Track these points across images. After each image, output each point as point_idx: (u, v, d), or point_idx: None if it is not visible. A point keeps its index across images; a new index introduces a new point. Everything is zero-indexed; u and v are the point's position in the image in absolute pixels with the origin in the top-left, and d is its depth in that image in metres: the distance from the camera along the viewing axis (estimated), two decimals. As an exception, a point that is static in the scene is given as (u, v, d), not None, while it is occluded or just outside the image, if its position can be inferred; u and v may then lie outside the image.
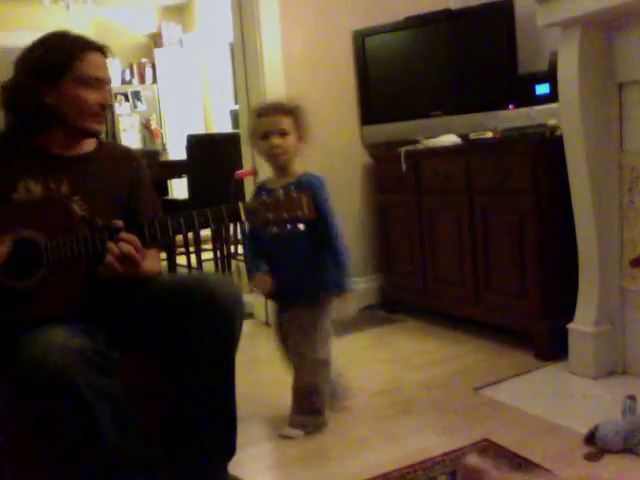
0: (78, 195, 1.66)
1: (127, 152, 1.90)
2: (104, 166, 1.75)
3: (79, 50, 1.64)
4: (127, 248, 1.49)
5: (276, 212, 1.49)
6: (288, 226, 1.52)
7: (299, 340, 2.09)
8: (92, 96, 1.65)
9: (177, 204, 4.81)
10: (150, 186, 1.87)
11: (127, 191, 1.78)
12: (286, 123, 2.00)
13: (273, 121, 2.00)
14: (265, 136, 2.01)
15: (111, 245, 1.49)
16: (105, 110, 1.70)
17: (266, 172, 3.30)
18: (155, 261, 1.79)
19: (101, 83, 1.67)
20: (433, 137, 3.16)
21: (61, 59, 1.62)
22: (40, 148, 1.69)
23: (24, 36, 1.72)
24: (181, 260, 4.94)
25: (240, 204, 1.50)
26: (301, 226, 1.52)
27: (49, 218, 1.55)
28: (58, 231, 1.51)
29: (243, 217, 1.50)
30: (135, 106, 6.93)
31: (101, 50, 1.69)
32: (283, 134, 2.00)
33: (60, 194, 1.65)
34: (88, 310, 1.56)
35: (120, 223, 1.53)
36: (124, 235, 1.50)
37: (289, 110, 2.03)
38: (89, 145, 1.76)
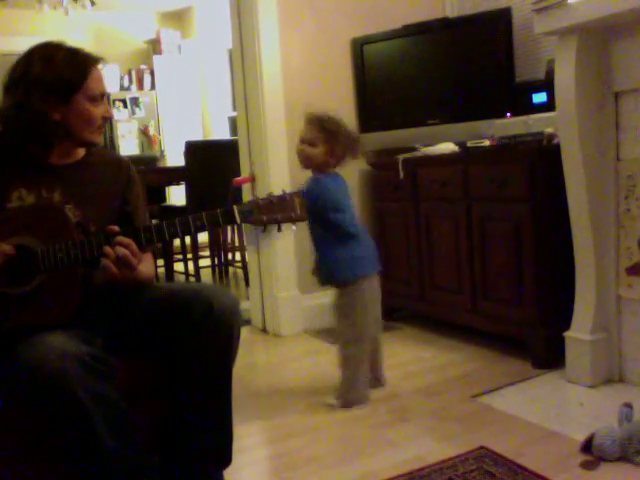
0: (71, 203, 1.66)
1: (117, 158, 1.90)
2: (95, 173, 1.76)
3: (90, 67, 1.64)
4: (123, 251, 1.50)
5: (269, 214, 1.53)
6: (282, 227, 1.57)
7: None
8: (98, 110, 1.67)
9: (175, 210, 4.81)
10: (140, 189, 1.88)
11: (120, 196, 1.79)
12: (311, 133, 2.29)
13: (304, 129, 2.31)
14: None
15: (107, 248, 1.50)
16: (106, 122, 1.72)
17: (265, 179, 3.32)
18: (150, 266, 1.80)
19: (103, 96, 1.69)
20: (431, 145, 3.17)
21: (75, 77, 1.62)
22: (32, 157, 1.68)
23: (23, 41, 1.71)
24: (178, 267, 4.94)
25: (235, 207, 1.53)
26: (294, 227, 1.57)
27: (45, 225, 1.55)
28: (54, 237, 1.51)
29: (238, 219, 1.53)
30: (133, 112, 6.93)
31: (100, 62, 1.70)
32: (305, 143, 2.30)
33: (53, 201, 1.65)
34: (86, 315, 1.56)
35: (116, 228, 1.54)
36: (120, 239, 1.51)
37: (316, 121, 2.30)
38: (80, 152, 1.76)
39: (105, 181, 1.77)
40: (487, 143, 2.84)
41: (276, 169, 3.30)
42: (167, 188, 5.63)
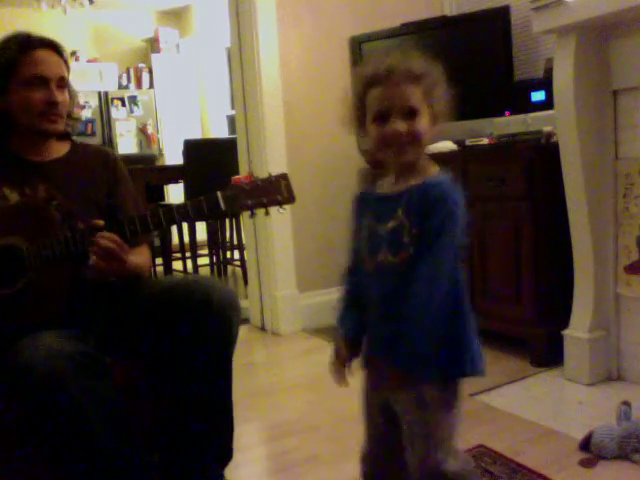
0: (56, 200, 1.64)
1: (101, 151, 1.87)
2: (80, 168, 1.74)
3: (21, 51, 1.61)
4: (106, 244, 1.48)
5: (255, 198, 1.48)
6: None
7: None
8: (36, 95, 1.62)
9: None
10: (129, 182, 1.85)
11: (106, 190, 1.76)
12: (413, 95, 1.21)
13: (394, 93, 1.21)
14: (382, 117, 1.24)
15: (92, 243, 1.48)
16: (57, 108, 1.65)
17: (262, 177, 3.32)
18: (144, 257, 1.78)
19: (46, 80, 1.63)
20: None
21: (4, 62, 1.60)
22: (14, 154, 1.68)
23: (20, 40, 1.71)
24: (177, 265, 4.94)
25: (218, 193, 1.47)
26: (281, 210, 1.50)
27: (29, 223, 1.54)
28: (39, 235, 1.51)
29: (222, 206, 1.47)
30: (132, 111, 6.93)
31: (48, 46, 1.65)
32: (411, 113, 1.21)
33: (38, 199, 1.64)
34: (78, 314, 1.55)
35: (100, 222, 1.52)
36: (103, 232, 1.49)
37: (418, 76, 1.23)
38: (63, 148, 1.75)
39: (90, 176, 1.75)
40: (486, 141, 2.84)
41: (275, 167, 3.28)
42: (166, 187, 5.63)
